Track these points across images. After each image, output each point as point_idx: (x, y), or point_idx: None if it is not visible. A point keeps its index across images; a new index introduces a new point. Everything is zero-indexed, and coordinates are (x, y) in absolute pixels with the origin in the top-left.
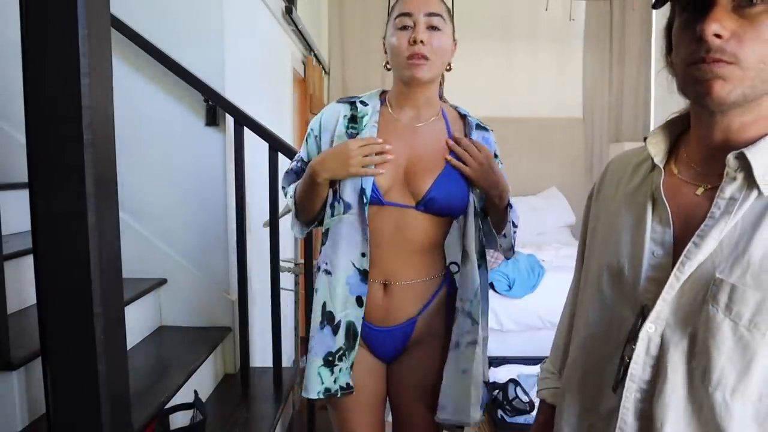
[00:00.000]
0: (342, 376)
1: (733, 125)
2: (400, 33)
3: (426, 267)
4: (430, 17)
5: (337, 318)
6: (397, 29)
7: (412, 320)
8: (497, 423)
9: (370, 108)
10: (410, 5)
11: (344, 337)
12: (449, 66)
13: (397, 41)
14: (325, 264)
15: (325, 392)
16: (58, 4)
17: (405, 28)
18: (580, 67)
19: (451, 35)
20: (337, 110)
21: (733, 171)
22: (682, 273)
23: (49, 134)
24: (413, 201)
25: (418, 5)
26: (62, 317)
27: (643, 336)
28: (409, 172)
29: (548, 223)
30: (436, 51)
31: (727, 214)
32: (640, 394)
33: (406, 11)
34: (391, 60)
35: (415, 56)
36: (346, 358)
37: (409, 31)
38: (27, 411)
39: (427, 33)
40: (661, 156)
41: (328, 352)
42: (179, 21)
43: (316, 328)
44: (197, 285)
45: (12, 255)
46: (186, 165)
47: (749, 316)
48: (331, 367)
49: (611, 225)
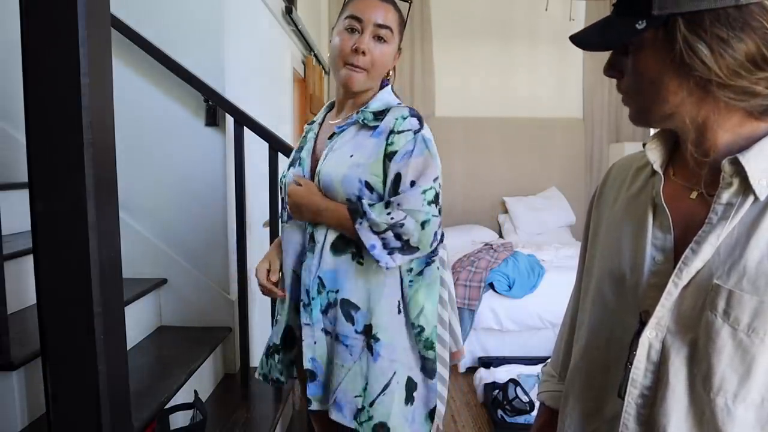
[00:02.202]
0: (273, 371)
1: None
2: (345, 34)
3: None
4: (378, 28)
5: (276, 315)
6: (344, 29)
7: None
8: (497, 423)
9: (316, 124)
10: (363, 11)
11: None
12: (389, 72)
13: (341, 42)
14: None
15: (263, 377)
16: (58, 4)
17: (352, 31)
18: (580, 67)
19: (396, 47)
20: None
21: (729, 176)
22: (680, 279)
23: (49, 134)
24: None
25: (370, 13)
26: (62, 317)
27: (644, 342)
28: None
29: (548, 223)
30: (375, 63)
31: (724, 219)
32: (641, 400)
33: (357, 15)
34: (331, 59)
35: (354, 65)
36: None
37: (355, 35)
38: (27, 411)
39: (371, 43)
40: (660, 162)
41: (267, 345)
42: (179, 21)
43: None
44: (197, 285)
45: (12, 255)
46: (186, 165)
47: (747, 321)
48: (266, 357)
49: (613, 230)
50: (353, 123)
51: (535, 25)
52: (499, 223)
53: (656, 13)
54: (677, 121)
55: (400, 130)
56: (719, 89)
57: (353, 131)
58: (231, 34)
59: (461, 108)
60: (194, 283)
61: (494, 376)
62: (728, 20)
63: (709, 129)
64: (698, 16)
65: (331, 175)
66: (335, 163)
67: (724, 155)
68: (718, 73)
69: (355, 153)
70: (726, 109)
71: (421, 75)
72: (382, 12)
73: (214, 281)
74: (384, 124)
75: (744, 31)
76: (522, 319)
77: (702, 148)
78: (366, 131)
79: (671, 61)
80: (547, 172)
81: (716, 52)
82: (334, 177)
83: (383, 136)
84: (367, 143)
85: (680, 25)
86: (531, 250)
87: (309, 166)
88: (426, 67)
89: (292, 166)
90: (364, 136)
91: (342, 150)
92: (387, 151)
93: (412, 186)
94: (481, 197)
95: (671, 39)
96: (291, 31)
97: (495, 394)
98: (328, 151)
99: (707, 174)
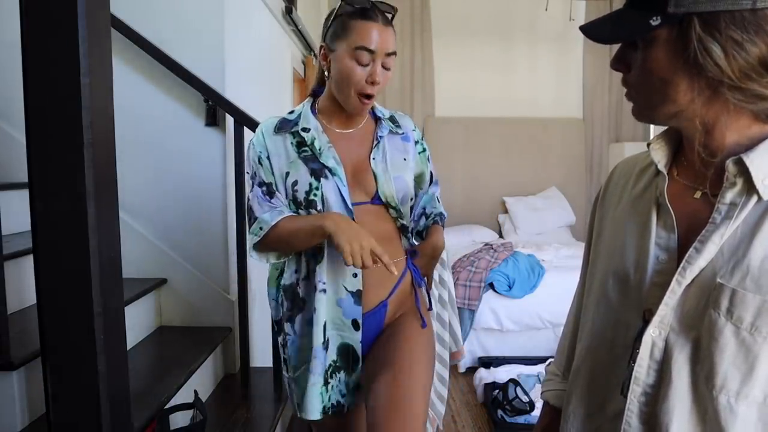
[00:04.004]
0: (333, 393)
1: None
2: (356, 65)
3: (389, 251)
4: (388, 57)
5: (327, 335)
6: (353, 59)
7: (383, 303)
8: (497, 423)
9: (314, 132)
10: (374, 42)
11: (336, 354)
12: None
13: (353, 74)
14: (323, 283)
15: (322, 411)
16: (58, 4)
17: (364, 60)
18: (580, 67)
19: None
20: (280, 140)
21: (733, 176)
22: (683, 278)
23: (49, 134)
24: (368, 197)
25: (381, 44)
26: (62, 317)
27: (647, 340)
28: (357, 172)
29: (548, 223)
30: (382, 88)
31: (727, 219)
32: (644, 398)
33: (369, 48)
34: (339, 83)
35: (367, 95)
36: (336, 375)
37: (367, 67)
38: (27, 411)
39: (381, 71)
40: (664, 162)
41: (324, 371)
42: (179, 21)
43: (319, 349)
44: (197, 285)
45: (12, 255)
46: (186, 165)
47: (750, 320)
48: (326, 385)
49: (616, 230)
50: (387, 131)
51: (535, 25)
52: (499, 223)
53: (672, 10)
54: (682, 120)
55: (420, 137)
56: (729, 91)
57: (386, 138)
58: (231, 34)
59: (461, 108)
60: (194, 283)
61: (494, 376)
62: (743, 23)
63: (717, 130)
64: (714, 17)
65: (405, 179)
66: (399, 168)
67: (730, 156)
68: (730, 75)
69: (406, 157)
70: (735, 111)
71: (421, 75)
72: (391, 40)
73: (214, 281)
74: (408, 131)
75: (758, 34)
76: (522, 319)
77: (709, 149)
78: (394, 136)
79: (683, 61)
80: (547, 172)
81: (729, 54)
82: (408, 180)
83: (412, 142)
84: (407, 147)
85: (695, 25)
86: (531, 250)
87: (344, 174)
88: (426, 67)
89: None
90: (396, 141)
91: (393, 155)
92: (425, 156)
93: (433, 176)
94: (481, 197)
95: (685, 38)
96: (291, 31)
97: (495, 394)
98: (384, 158)
99: (712, 174)
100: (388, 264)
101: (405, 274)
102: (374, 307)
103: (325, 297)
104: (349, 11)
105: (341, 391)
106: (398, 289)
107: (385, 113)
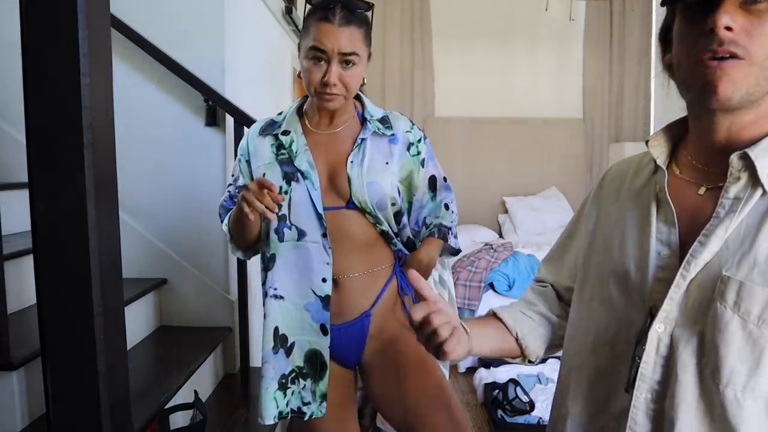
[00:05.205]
0: (294, 399)
1: (734, 125)
2: (311, 64)
3: (370, 259)
4: (344, 56)
5: (291, 340)
6: (309, 58)
7: (366, 314)
8: (497, 423)
9: (294, 134)
10: (325, 42)
11: (302, 361)
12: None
13: (309, 74)
14: (274, 289)
15: (279, 416)
16: (58, 4)
17: (318, 60)
18: (580, 67)
19: (366, 59)
20: (263, 142)
21: (737, 171)
22: (688, 272)
23: (48, 134)
24: (343, 202)
25: (333, 44)
26: (62, 317)
27: (652, 336)
28: (333, 176)
29: (548, 223)
30: (348, 86)
31: (732, 213)
32: (651, 395)
33: (320, 47)
34: (304, 83)
35: (327, 93)
36: (298, 381)
37: (322, 65)
38: (27, 411)
39: (340, 71)
40: (663, 158)
41: (282, 375)
42: (179, 21)
43: (269, 353)
44: (197, 285)
45: (12, 255)
46: (186, 165)
47: (758, 313)
48: (284, 390)
49: (613, 228)
50: (371, 133)
51: (535, 25)
52: (499, 223)
53: None
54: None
55: (417, 139)
56: None
57: (369, 141)
58: (231, 34)
59: (461, 108)
60: (194, 284)
61: (494, 376)
62: None
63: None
64: None
65: (381, 185)
66: (376, 173)
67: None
68: None
69: (389, 160)
70: None
71: (421, 75)
72: (345, 39)
73: (214, 281)
74: (398, 133)
75: None
76: None
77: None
78: (380, 138)
79: None
80: (547, 172)
81: None
82: (385, 186)
83: (403, 146)
84: (392, 151)
85: None
86: (531, 250)
87: (318, 178)
88: (426, 67)
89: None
90: (382, 143)
91: (373, 159)
92: (418, 159)
93: (445, 182)
94: (481, 197)
95: None
96: (291, 31)
97: (495, 394)
98: (362, 162)
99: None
100: (271, 186)
101: (389, 282)
102: (356, 317)
103: (278, 303)
104: (311, 11)
105: (303, 399)
106: (383, 299)
107: (376, 114)
